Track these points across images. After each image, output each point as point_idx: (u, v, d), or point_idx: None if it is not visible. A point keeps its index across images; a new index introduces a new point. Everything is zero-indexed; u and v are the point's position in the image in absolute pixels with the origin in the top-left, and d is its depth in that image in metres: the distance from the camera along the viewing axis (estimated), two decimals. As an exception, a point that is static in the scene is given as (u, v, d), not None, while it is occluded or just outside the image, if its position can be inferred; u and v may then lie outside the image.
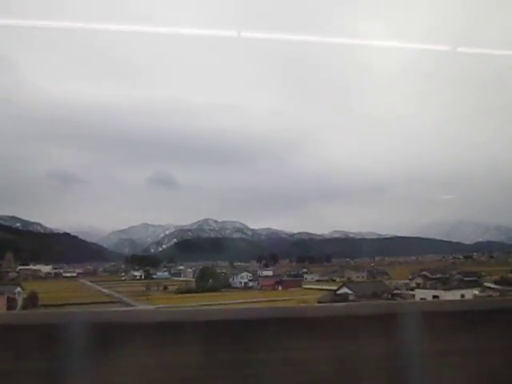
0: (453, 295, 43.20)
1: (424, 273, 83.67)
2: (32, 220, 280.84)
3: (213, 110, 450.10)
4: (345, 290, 49.13)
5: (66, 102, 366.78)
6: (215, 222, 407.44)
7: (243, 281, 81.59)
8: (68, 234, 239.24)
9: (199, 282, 75.37)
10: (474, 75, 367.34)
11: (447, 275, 79.10)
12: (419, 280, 78.81)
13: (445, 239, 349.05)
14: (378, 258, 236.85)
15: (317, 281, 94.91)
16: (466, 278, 74.52)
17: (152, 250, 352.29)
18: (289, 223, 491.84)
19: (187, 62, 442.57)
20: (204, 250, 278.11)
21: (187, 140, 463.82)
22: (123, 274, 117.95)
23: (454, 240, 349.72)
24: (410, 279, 78.74)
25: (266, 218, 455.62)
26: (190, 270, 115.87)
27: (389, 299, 49.66)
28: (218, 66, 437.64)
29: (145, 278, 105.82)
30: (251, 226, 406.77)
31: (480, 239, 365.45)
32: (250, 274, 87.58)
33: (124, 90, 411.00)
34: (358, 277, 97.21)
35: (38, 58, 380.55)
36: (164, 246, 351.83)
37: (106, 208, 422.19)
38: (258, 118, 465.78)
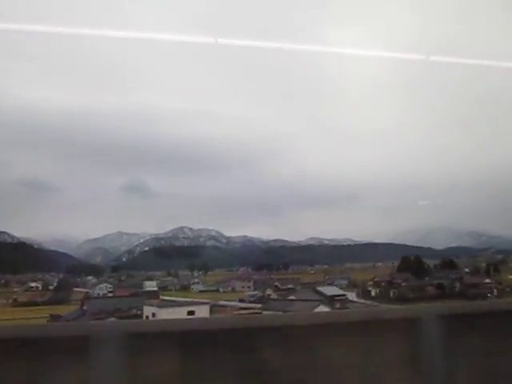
0: (167, 313, 42.02)
1: (276, 283, 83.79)
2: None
3: (188, 117, 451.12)
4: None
5: (37, 108, 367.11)
6: (191, 230, 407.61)
7: (102, 292, 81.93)
8: (24, 243, 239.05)
9: (54, 294, 75.80)
10: (448, 84, 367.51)
11: (297, 286, 79.19)
12: (270, 291, 79.02)
13: (417, 245, 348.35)
14: (345, 265, 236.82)
15: (200, 291, 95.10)
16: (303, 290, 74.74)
17: (124, 259, 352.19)
18: (266, 231, 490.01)
19: (163, 69, 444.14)
20: (171, 259, 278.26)
21: (162, 147, 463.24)
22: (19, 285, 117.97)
23: (427, 246, 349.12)
24: (262, 290, 78.88)
25: (243, 225, 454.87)
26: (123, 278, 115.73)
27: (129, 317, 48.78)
28: (195, 73, 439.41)
29: (42, 289, 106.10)
30: (227, 234, 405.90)
31: (452, 244, 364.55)
32: (110, 286, 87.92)
33: (97, 97, 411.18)
34: (243, 287, 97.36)
35: (5, 62, 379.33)
36: (135, 255, 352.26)
37: (79, 216, 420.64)
38: (234, 126, 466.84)
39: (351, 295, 71.59)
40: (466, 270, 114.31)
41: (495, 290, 73.51)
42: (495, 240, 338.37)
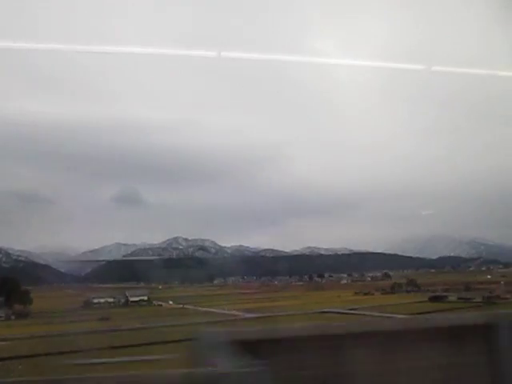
0: None
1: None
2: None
3: (181, 127, 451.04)
4: None
5: (26, 121, 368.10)
6: (185, 239, 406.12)
7: None
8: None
9: None
10: (444, 94, 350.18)
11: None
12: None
13: (407, 255, 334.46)
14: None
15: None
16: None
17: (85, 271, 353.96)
18: (261, 240, 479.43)
19: (154, 81, 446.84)
20: (144, 270, 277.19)
21: (157, 158, 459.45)
22: None
23: (422, 256, 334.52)
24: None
25: (239, 235, 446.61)
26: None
27: None
28: (186, 84, 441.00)
29: None
30: (223, 244, 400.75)
31: (449, 254, 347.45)
32: None
33: (88, 109, 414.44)
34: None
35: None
36: (104, 268, 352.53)
37: (75, 228, 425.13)
38: (229, 136, 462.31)
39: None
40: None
41: None
42: (494, 249, 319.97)
